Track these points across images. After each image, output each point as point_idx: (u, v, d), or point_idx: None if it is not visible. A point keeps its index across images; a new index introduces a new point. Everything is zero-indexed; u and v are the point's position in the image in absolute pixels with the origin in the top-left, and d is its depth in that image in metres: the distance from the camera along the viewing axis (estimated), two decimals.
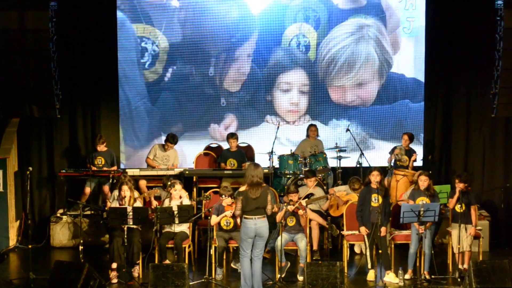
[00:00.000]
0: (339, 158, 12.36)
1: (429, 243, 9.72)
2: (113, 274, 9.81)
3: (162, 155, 12.27)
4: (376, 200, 9.77)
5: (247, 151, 12.80)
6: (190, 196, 11.36)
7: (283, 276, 9.79)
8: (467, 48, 12.64)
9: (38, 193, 12.52)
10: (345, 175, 12.25)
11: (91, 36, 12.52)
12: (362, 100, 13.24)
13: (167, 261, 10.04)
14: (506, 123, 12.69)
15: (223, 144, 12.87)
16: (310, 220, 10.57)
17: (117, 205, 10.10)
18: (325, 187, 11.73)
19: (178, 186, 10.36)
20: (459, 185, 9.76)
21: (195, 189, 11.98)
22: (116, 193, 10.27)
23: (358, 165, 12.34)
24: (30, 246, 10.14)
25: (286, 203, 9.94)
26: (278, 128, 12.71)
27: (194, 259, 10.66)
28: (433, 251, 9.81)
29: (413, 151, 12.25)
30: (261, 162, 11.27)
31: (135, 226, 9.95)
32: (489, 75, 12.30)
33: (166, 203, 10.27)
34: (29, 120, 12.29)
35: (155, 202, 10.71)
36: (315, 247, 10.68)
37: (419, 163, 12.65)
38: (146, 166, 12.37)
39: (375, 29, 13.07)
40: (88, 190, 11.87)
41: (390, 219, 10.02)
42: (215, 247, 9.93)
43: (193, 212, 10.50)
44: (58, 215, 11.85)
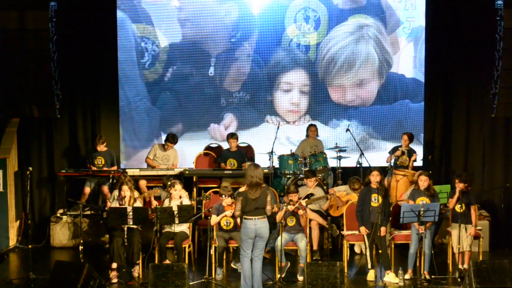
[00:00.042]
0: (339, 158, 12.36)
1: (429, 243, 9.72)
2: (113, 274, 9.81)
3: (162, 155, 12.27)
4: (376, 200, 9.77)
5: (247, 151, 12.79)
6: (190, 196, 11.35)
7: (283, 276, 9.79)
8: (467, 48, 12.64)
9: (38, 193, 12.52)
10: (345, 175, 12.24)
11: (91, 36, 12.52)
12: (362, 100, 13.23)
13: (167, 261, 10.04)
14: (506, 123, 12.69)
15: (223, 144, 12.87)
16: (310, 220, 10.57)
17: (117, 205, 10.09)
18: (325, 187, 11.72)
19: (178, 186, 10.36)
20: (459, 185, 9.76)
21: (195, 189, 11.98)
22: (116, 193, 10.26)
23: (358, 165, 12.34)
24: (30, 246, 10.14)
25: (286, 203, 9.93)
26: (278, 128, 12.71)
27: (194, 259, 10.66)
28: (433, 251, 9.80)
29: (413, 151, 12.25)
30: (261, 162, 11.30)
31: (135, 226, 9.95)
32: (489, 75, 12.30)
33: (166, 203, 10.26)
34: (29, 120, 12.28)
35: (155, 202, 10.70)
36: (315, 247, 10.68)
37: (419, 163, 12.66)
38: (146, 166, 12.38)
39: (375, 29, 13.07)
40: (88, 190, 11.87)
41: (390, 219, 10.03)
42: (215, 247, 9.93)
43: (193, 212, 10.50)
44: (58, 215, 11.84)
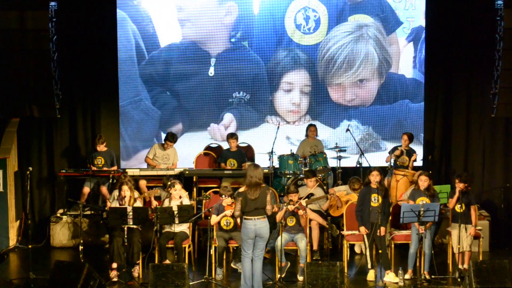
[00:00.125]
0: (339, 158, 12.36)
1: (429, 243, 9.71)
2: (114, 273, 9.81)
3: (162, 154, 12.26)
4: (376, 200, 9.77)
5: (247, 151, 12.79)
6: (190, 196, 11.35)
7: (283, 276, 9.79)
8: (467, 48, 12.64)
9: (38, 193, 12.52)
10: (345, 175, 12.24)
11: (91, 36, 12.52)
12: (362, 100, 13.23)
13: (167, 261, 10.04)
14: (506, 123, 12.69)
15: (223, 144, 12.87)
16: (310, 220, 10.57)
17: (117, 205, 10.09)
18: (325, 187, 11.72)
19: (178, 186, 10.36)
20: (459, 185, 9.76)
21: (195, 189, 11.98)
22: (116, 193, 10.26)
23: (358, 165, 12.34)
24: (30, 246, 10.13)
25: (286, 203, 9.93)
26: (278, 128, 12.71)
27: (194, 259, 10.65)
28: (433, 251, 9.80)
29: (413, 151, 12.25)
30: (261, 162, 11.31)
31: (135, 226, 9.95)
32: (489, 75, 12.31)
33: (166, 203, 10.26)
34: (29, 120, 12.29)
35: (155, 202, 10.70)
36: (315, 247, 10.68)
37: (419, 163, 12.66)
38: (146, 166, 12.37)
39: (375, 29, 13.06)
40: (87, 190, 11.85)
41: (390, 219, 10.03)
42: (215, 247, 9.93)
43: (193, 212, 10.50)
44: (58, 215, 11.84)
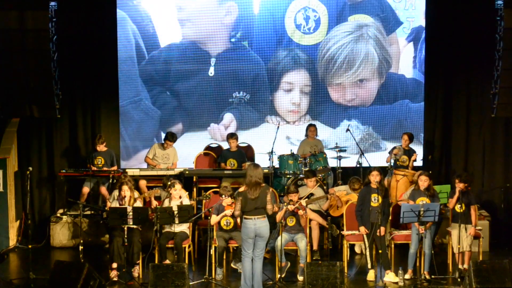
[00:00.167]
0: (339, 158, 12.36)
1: (429, 243, 9.71)
2: (114, 273, 9.81)
3: (162, 154, 12.26)
4: (376, 200, 9.77)
5: (247, 151, 12.79)
6: (190, 196, 11.35)
7: (283, 276, 9.78)
8: (467, 48, 12.64)
9: (38, 193, 12.52)
10: (345, 175, 12.24)
11: (91, 36, 12.52)
12: (362, 100, 13.23)
13: (167, 261, 10.04)
14: (506, 123, 12.69)
15: (223, 144, 12.87)
16: (310, 220, 10.57)
17: (117, 205, 10.09)
18: (325, 187, 11.72)
19: (178, 186, 10.36)
20: (459, 185, 9.76)
21: (195, 189, 11.98)
22: (116, 193, 10.26)
23: (358, 165, 12.34)
24: (30, 246, 10.12)
25: (286, 203, 9.93)
26: (278, 128, 12.70)
27: (194, 259, 10.65)
28: (433, 251, 9.80)
29: (413, 151, 12.25)
30: (261, 162, 11.29)
31: (135, 226, 9.95)
32: (489, 75, 12.31)
33: (166, 203, 10.26)
34: (29, 120, 12.29)
35: (155, 202, 10.70)
36: (315, 247, 10.68)
37: (419, 163, 12.66)
38: (146, 166, 12.37)
39: (375, 29, 13.06)
40: (86, 190, 11.84)
41: (390, 219, 10.02)
42: (215, 247, 9.93)
43: (193, 212, 10.50)
44: (58, 215, 11.84)
